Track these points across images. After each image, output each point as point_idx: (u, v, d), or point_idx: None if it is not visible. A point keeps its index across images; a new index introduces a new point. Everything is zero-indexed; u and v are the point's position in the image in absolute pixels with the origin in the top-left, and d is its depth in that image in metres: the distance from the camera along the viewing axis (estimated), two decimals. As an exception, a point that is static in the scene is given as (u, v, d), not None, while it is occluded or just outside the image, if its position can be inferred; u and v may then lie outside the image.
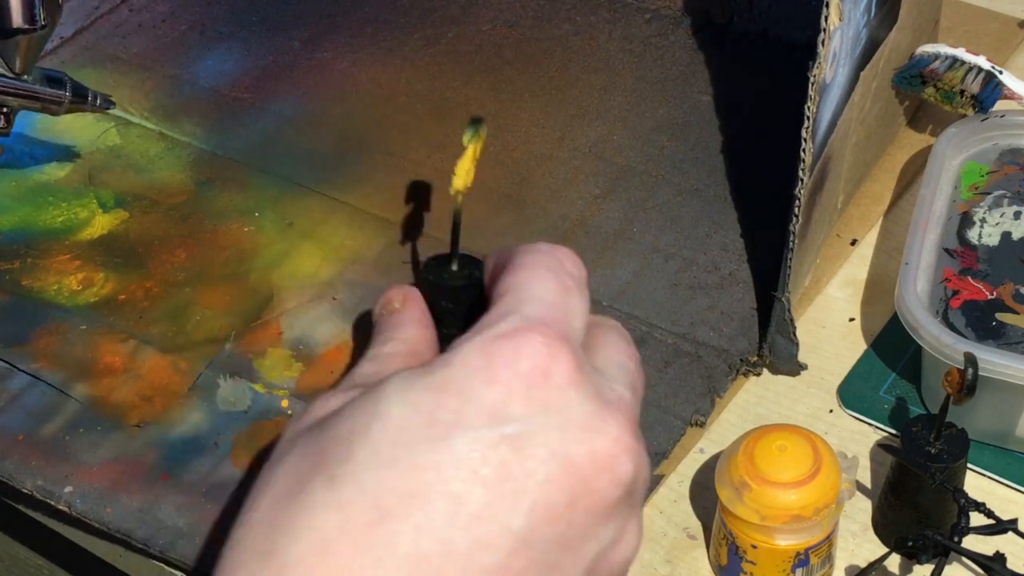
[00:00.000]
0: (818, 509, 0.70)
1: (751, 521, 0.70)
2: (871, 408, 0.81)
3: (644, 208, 0.91)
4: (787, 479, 0.70)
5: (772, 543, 0.71)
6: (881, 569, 0.74)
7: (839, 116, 0.81)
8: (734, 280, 0.87)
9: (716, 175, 0.93)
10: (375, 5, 1.06)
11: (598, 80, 1.00)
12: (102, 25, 1.05)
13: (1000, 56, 1.01)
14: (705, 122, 0.97)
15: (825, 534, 0.71)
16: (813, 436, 0.71)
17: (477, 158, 0.68)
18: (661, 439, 0.79)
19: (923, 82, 0.89)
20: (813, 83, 0.75)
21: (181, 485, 0.78)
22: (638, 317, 0.85)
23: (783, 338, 0.82)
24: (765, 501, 0.70)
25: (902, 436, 0.73)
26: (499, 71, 1.01)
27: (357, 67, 1.01)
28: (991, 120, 0.88)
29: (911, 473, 0.72)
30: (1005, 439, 0.78)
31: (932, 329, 0.77)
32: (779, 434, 0.71)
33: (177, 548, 0.75)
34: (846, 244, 0.90)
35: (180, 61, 1.02)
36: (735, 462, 0.71)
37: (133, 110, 0.99)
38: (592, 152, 0.95)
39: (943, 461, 0.72)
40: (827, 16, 0.73)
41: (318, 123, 0.98)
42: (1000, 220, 0.85)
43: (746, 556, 0.72)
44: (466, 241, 0.89)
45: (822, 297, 0.88)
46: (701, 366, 0.82)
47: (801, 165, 0.77)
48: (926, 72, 0.89)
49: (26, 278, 0.89)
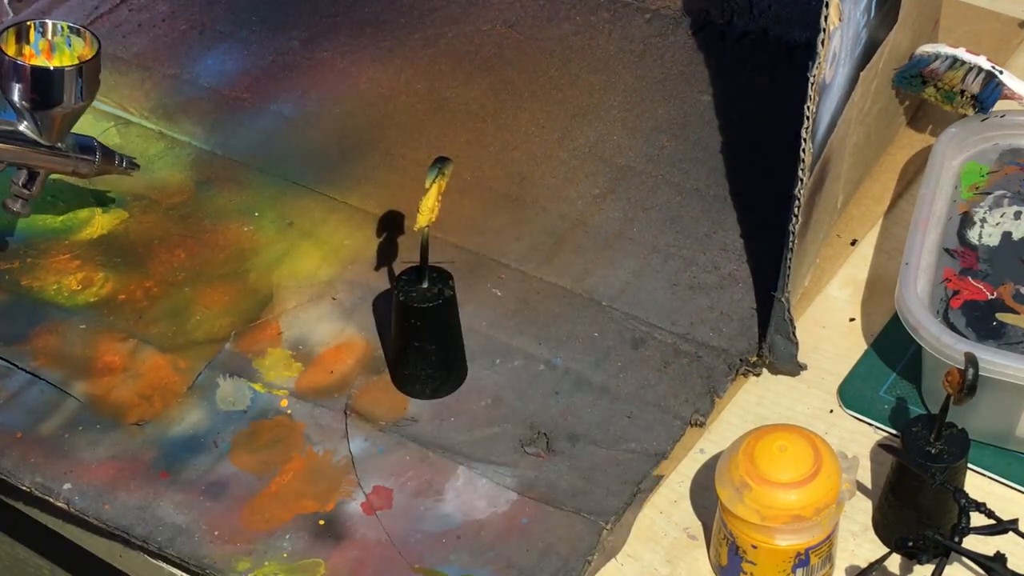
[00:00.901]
0: (819, 509, 0.70)
1: (751, 521, 0.70)
2: (871, 408, 0.81)
3: (644, 208, 0.91)
4: (788, 479, 0.70)
5: (772, 543, 0.71)
6: (881, 569, 0.74)
7: (839, 116, 0.81)
8: (734, 280, 0.87)
9: (716, 175, 0.93)
10: (375, 5, 1.06)
11: (598, 80, 1.00)
12: (102, 25, 1.04)
13: (1000, 56, 1.01)
14: (705, 122, 0.97)
15: (825, 534, 0.71)
16: (813, 436, 0.71)
17: (441, 194, 0.74)
18: (661, 439, 0.79)
19: (923, 82, 0.89)
20: (813, 83, 0.75)
21: (180, 483, 0.78)
22: (638, 317, 0.85)
23: (783, 338, 0.82)
24: (765, 501, 0.70)
25: (902, 436, 0.73)
26: (499, 71, 1.01)
27: (357, 67, 1.01)
28: (991, 120, 0.88)
29: (912, 473, 0.72)
30: (1005, 439, 0.78)
31: (933, 329, 0.77)
32: (779, 434, 0.71)
33: (176, 544, 0.75)
34: (846, 244, 0.90)
35: (180, 61, 1.02)
36: (735, 462, 0.71)
37: (133, 110, 0.99)
38: (592, 152, 0.95)
39: (943, 461, 0.72)
40: (827, 16, 0.73)
41: (318, 123, 0.98)
42: (1000, 220, 0.85)
43: (746, 556, 0.72)
44: (466, 240, 0.90)
45: (822, 297, 0.87)
46: (701, 366, 0.82)
47: (801, 165, 0.77)
48: (926, 72, 0.89)
49: (26, 277, 0.89)
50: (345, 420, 0.80)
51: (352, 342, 0.84)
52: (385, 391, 0.82)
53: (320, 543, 0.75)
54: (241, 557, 0.74)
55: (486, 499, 0.77)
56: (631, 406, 0.81)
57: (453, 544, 0.75)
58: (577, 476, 0.78)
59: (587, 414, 0.81)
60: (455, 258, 0.88)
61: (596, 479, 0.77)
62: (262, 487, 0.77)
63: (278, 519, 0.76)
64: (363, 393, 0.82)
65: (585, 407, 0.81)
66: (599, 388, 0.82)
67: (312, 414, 0.81)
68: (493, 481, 0.78)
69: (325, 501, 0.77)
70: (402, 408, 0.81)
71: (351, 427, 0.80)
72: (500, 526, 0.76)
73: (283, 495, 0.77)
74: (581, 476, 0.78)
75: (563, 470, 0.78)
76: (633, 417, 0.80)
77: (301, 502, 0.77)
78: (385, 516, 0.76)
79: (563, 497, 0.77)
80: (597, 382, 0.82)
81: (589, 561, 0.74)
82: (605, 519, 0.75)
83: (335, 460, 0.78)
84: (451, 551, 0.74)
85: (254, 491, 0.77)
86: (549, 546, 0.75)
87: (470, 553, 0.74)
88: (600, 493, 0.77)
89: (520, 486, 0.77)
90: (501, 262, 0.88)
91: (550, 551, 0.74)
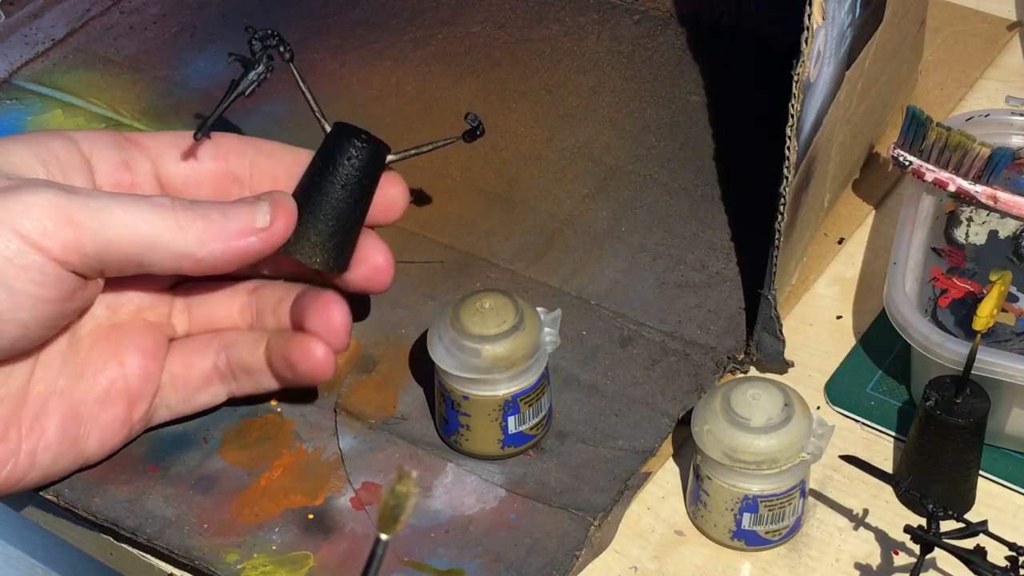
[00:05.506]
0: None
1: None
2: (858, 405, 0.82)
3: (632, 207, 0.92)
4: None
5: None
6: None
7: (824, 115, 0.81)
8: (721, 279, 0.87)
9: (704, 175, 0.94)
10: (365, 7, 1.06)
11: (587, 80, 1.00)
12: (93, 27, 1.05)
13: (987, 56, 1.02)
14: (693, 122, 0.97)
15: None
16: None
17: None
18: (649, 436, 0.80)
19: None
20: (797, 81, 0.75)
21: (169, 477, 0.78)
22: (626, 315, 0.85)
23: (770, 336, 0.82)
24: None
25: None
26: (489, 72, 1.01)
27: (347, 68, 1.01)
28: (976, 120, 0.89)
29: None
30: (994, 436, 0.79)
31: (921, 328, 0.78)
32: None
33: (165, 536, 0.75)
34: (833, 242, 0.90)
35: (171, 63, 1.03)
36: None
37: (124, 112, 0.99)
38: (581, 152, 0.95)
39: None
40: (810, 15, 0.74)
41: (309, 124, 0.97)
42: (987, 219, 0.86)
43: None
44: (456, 240, 0.90)
45: (809, 295, 0.88)
46: (689, 364, 0.83)
47: (786, 163, 0.77)
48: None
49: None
50: (335, 418, 0.81)
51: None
52: (375, 389, 0.82)
53: (309, 536, 0.75)
54: (230, 549, 0.75)
55: (475, 495, 0.77)
56: (619, 404, 0.81)
57: (442, 538, 0.75)
58: (565, 473, 0.78)
59: (575, 412, 0.81)
60: (444, 257, 0.89)
61: (584, 476, 0.78)
62: (251, 482, 0.78)
63: (267, 513, 0.76)
64: (353, 391, 0.82)
65: (573, 405, 0.81)
66: (587, 386, 0.82)
67: (302, 412, 0.81)
68: (482, 478, 0.78)
69: (314, 496, 0.77)
70: (391, 406, 0.81)
71: (341, 425, 0.80)
72: (489, 522, 0.76)
73: (272, 490, 0.77)
74: (569, 473, 0.78)
75: (551, 467, 0.79)
76: (621, 415, 0.81)
77: (290, 497, 0.77)
78: (374, 511, 0.76)
79: (551, 494, 0.77)
80: (585, 380, 0.82)
81: (577, 556, 0.75)
82: (593, 515, 0.76)
83: (324, 456, 0.79)
84: (440, 545, 0.75)
85: (243, 486, 0.78)
86: (537, 541, 0.75)
87: (459, 547, 0.75)
88: (588, 490, 0.77)
89: (509, 483, 0.78)
90: (491, 261, 0.89)
91: (538, 546, 0.75)
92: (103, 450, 0.76)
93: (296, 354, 0.76)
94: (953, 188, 0.85)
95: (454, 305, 0.77)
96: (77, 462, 0.76)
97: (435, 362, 0.77)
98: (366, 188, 0.78)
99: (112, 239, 0.70)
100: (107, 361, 0.76)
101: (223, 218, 0.73)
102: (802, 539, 0.76)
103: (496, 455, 0.78)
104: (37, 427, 0.73)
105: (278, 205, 0.75)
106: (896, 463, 0.79)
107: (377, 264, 0.79)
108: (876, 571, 0.75)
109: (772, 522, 0.75)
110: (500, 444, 0.78)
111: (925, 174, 0.86)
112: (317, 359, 0.76)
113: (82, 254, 0.70)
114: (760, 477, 0.73)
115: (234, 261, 0.74)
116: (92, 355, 0.76)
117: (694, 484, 0.76)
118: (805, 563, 0.75)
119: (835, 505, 0.78)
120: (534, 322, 0.77)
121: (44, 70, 1.02)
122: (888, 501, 0.78)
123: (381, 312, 0.86)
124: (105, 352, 0.76)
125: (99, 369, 0.76)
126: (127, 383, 0.76)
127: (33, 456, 0.73)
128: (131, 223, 0.71)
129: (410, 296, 0.87)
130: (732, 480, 0.74)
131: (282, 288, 0.79)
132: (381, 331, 0.85)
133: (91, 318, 0.76)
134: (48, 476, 0.75)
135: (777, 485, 0.74)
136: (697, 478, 0.75)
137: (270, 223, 0.74)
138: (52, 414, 0.73)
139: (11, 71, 1.01)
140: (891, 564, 0.75)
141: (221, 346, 0.78)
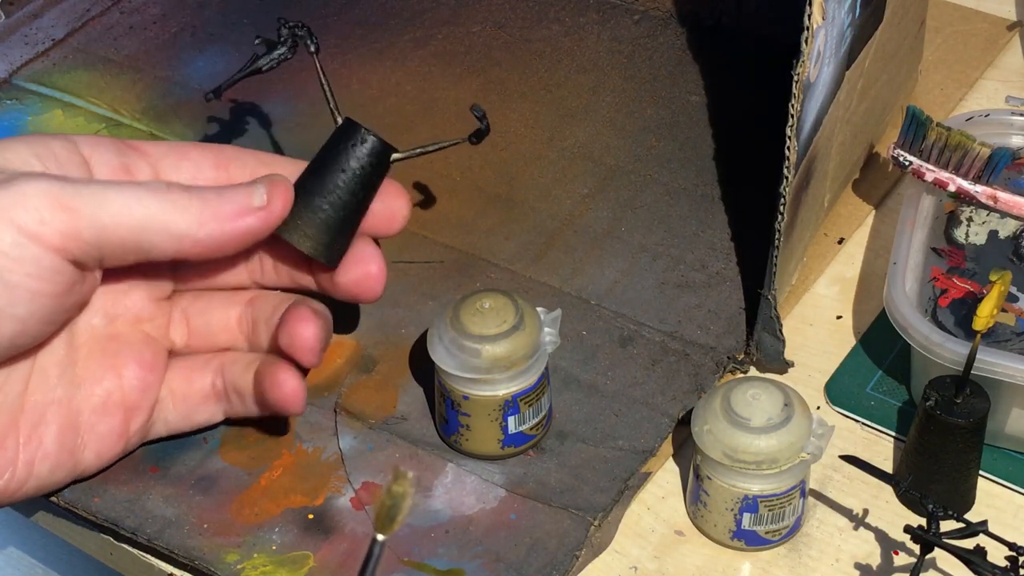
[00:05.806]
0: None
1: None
2: (858, 405, 0.82)
3: (632, 207, 0.92)
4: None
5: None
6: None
7: (824, 115, 0.81)
8: (721, 279, 0.87)
9: (704, 175, 0.94)
10: (365, 7, 1.06)
11: (587, 80, 1.00)
12: (93, 27, 1.05)
13: (987, 56, 1.02)
14: (693, 122, 0.97)
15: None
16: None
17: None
18: (649, 436, 0.80)
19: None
20: (797, 81, 0.75)
21: (169, 477, 0.78)
22: (626, 315, 0.85)
23: (770, 336, 0.82)
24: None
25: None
26: (489, 72, 1.01)
27: (347, 68, 1.02)
28: (976, 120, 0.89)
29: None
30: (994, 436, 0.79)
31: (921, 328, 0.78)
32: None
33: (165, 537, 0.76)
34: (833, 242, 0.90)
35: (171, 63, 1.03)
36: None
37: (124, 112, 0.99)
38: (581, 152, 0.95)
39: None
40: (810, 15, 0.74)
41: (308, 124, 0.98)
42: (987, 219, 0.86)
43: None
44: (456, 240, 0.90)
45: (809, 295, 0.88)
46: (689, 364, 0.83)
47: (786, 163, 0.77)
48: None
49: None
50: (335, 418, 0.81)
51: (342, 341, 0.85)
52: (375, 389, 0.82)
53: (309, 536, 0.75)
54: (230, 549, 0.75)
55: (475, 495, 0.77)
56: (619, 404, 0.81)
57: (442, 538, 0.75)
58: (566, 473, 0.78)
59: (575, 412, 0.81)
60: (444, 257, 0.89)
61: (584, 476, 0.78)
62: (251, 482, 0.78)
63: (267, 513, 0.76)
64: (353, 391, 0.82)
65: (573, 405, 0.81)
66: (587, 386, 0.82)
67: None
68: (482, 478, 0.78)
69: (314, 496, 0.77)
70: (391, 406, 0.81)
71: (341, 425, 0.80)
72: (489, 522, 0.76)
73: (272, 490, 0.77)
74: (570, 473, 0.78)
75: (551, 467, 0.79)
76: (621, 415, 0.81)
77: (290, 497, 0.77)
78: (373, 511, 0.76)
79: (551, 494, 0.77)
80: (585, 380, 0.82)
81: (577, 556, 0.75)
82: (593, 515, 0.76)
83: (324, 456, 0.79)
84: (440, 545, 0.75)
85: (243, 486, 0.78)
86: (537, 541, 0.75)
87: (459, 547, 0.75)
88: (588, 490, 0.77)
89: (509, 483, 0.78)
90: (491, 261, 0.89)
91: (538, 546, 0.75)
92: (100, 462, 0.76)
93: (267, 382, 0.76)
94: (953, 188, 0.86)
95: (454, 305, 0.77)
96: (74, 473, 0.75)
97: (435, 362, 0.77)
98: (366, 181, 0.78)
99: (109, 223, 0.70)
100: (105, 372, 0.75)
101: (220, 199, 0.73)
102: (802, 539, 0.76)
103: (496, 455, 0.78)
104: (35, 437, 0.73)
105: (275, 185, 0.75)
106: (896, 463, 0.79)
107: (369, 271, 0.79)
108: (876, 571, 0.75)
109: (772, 522, 0.75)
110: (500, 444, 0.78)
111: (925, 174, 0.86)
112: (284, 392, 0.75)
113: (80, 240, 0.70)
114: (760, 477, 0.73)
115: (234, 242, 0.74)
116: (89, 365, 0.75)
117: (694, 484, 0.76)
118: (805, 563, 0.75)
119: (835, 505, 0.78)
120: (534, 322, 0.77)
121: (44, 70, 1.02)
122: (888, 501, 0.78)
123: (381, 312, 0.86)
124: (103, 363, 0.76)
125: (96, 380, 0.75)
126: (124, 395, 0.76)
127: (31, 466, 0.73)
128: (127, 205, 0.70)
129: (410, 296, 0.87)
130: (732, 480, 0.74)
131: (277, 299, 0.79)
132: (381, 331, 0.85)
133: (88, 327, 0.76)
134: (45, 486, 0.74)
135: (777, 485, 0.74)
136: (697, 478, 0.75)
137: (267, 202, 0.74)
138: (50, 424, 0.73)
139: (11, 71, 1.01)
140: (891, 564, 0.75)
141: (220, 365, 0.78)
